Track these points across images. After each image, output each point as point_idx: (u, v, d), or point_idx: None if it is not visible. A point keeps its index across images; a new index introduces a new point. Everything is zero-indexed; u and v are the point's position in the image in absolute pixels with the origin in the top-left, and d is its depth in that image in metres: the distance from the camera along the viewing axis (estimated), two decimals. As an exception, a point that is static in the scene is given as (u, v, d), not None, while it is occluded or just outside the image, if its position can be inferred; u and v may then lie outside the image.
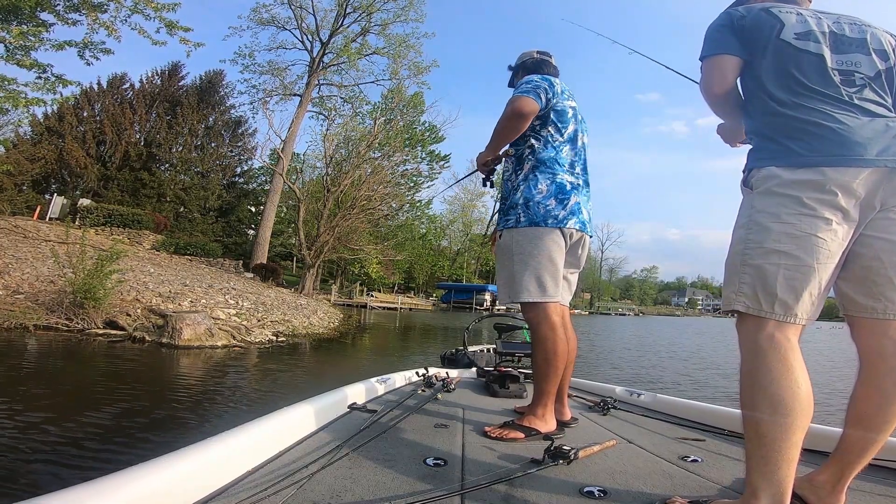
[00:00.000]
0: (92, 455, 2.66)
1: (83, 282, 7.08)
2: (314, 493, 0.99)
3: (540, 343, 1.63)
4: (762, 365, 0.95)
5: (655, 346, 14.48)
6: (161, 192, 26.90)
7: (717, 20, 1.19)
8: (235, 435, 1.11)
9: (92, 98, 26.52)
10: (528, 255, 1.61)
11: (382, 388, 2.19)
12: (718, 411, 1.90)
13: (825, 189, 0.96)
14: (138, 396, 4.08)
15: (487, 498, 1.01)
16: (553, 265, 1.61)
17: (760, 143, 1.09)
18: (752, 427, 0.93)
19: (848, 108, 1.01)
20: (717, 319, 70.59)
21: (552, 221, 1.61)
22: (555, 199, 1.62)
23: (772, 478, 0.89)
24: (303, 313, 12.31)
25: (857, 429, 1.01)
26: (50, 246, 9.41)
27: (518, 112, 1.56)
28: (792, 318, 0.96)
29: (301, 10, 24.18)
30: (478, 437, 1.51)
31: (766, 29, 1.10)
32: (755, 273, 0.99)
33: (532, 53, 1.95)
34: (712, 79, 1.17)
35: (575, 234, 1.67)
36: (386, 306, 30.85)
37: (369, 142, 21.31)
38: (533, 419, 1.52)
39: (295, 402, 1.47)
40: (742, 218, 1.06)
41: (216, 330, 7.36)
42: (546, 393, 1.58)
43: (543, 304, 1.60)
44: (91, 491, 0.75)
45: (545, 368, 1.59)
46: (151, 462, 0.88)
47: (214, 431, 1.09)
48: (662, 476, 1.22)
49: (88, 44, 10.16)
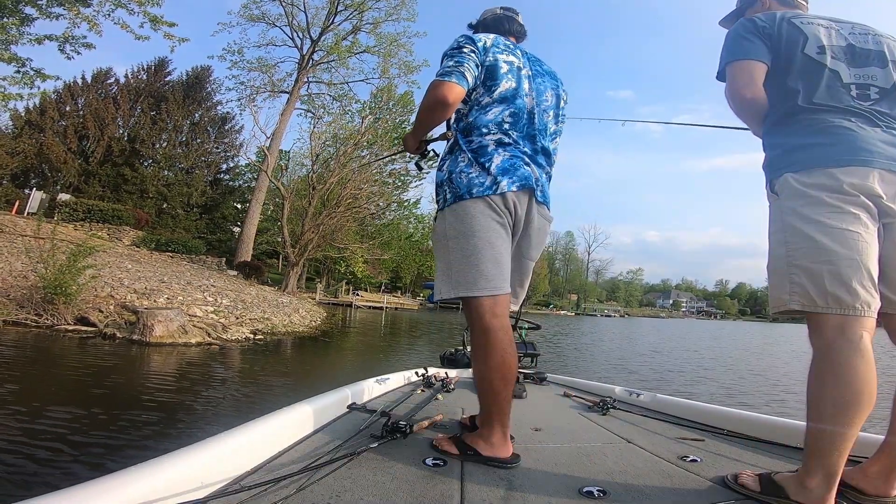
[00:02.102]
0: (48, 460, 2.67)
1: (54, 277, 7.01)
2: (314, 493, 0.99)
3: (473, 349, 1.35)
4: (828, 361, 0.98)
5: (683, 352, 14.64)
6: (143, 188, 26.51)
7: (742, 26, 1.20)
8: (235, 435, 1.11)
9: (75, 92, 26.08)
10: (457, 237, 1.33)
11: (382, 388, 2.18)
12: (718, 411, 1.90)
13: (842, 189, 1.01)
14: (97, 394, 4.07)
15: (488, 498, 1.02)
16: (491, 247, 1.30)
17: (775, 152, 1.14)
18: (816, 416, 0.99)
19: (861, 119, 1.07)
20: (700, 322, 71.45)
21: (477, 190, 1.31)
22: (477, 166, 1.34)
23: (826, 460, 0.96)
24: (284, 311, 12.27)
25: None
26: (25, 241, 9.26)
27: (441, 101, 1.30)
28: (850, 310, 0.98)
29: (292, 6, 24.04)
30: None
31: (793, 43, 1.14)
32: (803, 272, 1.03)
33: (495, 10, 1.67)
34: (742, 83, 1.16)
35: (513, 199, 1.34)
36: (372, 305, 30.79)
37: (357, 140, 21.24)
38: (478, 439, 1.28)
39: (294, 402, 1.46)
40: (775, 224, 1.11)
41: (190, 327, 7.33)
42: (487, 412, 1.30)
43: (476, 301, 1.29)
44: (91, 491, 0.76)
45: (479, 383, 1.34)
46: (151, 462, 0.89)
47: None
48: (662, 476, 1.21)
49: (69, 38, 10.05)
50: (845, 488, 1.07)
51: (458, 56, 1.35)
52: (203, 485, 0.94)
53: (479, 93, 1.40)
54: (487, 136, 1.37)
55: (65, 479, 2.28)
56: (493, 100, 1.39)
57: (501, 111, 1.39)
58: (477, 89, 1.40)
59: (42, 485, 2.22)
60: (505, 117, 1.39)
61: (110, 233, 17.43)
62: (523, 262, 1.47)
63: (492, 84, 1.39)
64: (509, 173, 1.33)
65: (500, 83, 1.39)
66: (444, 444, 1.33)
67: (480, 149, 1.36)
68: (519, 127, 1.40)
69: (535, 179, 1.37)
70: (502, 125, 1.38)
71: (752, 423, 1.71)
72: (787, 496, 1.00)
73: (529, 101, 1.43)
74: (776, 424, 1.64)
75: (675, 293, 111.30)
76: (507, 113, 1.39)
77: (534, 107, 1.44)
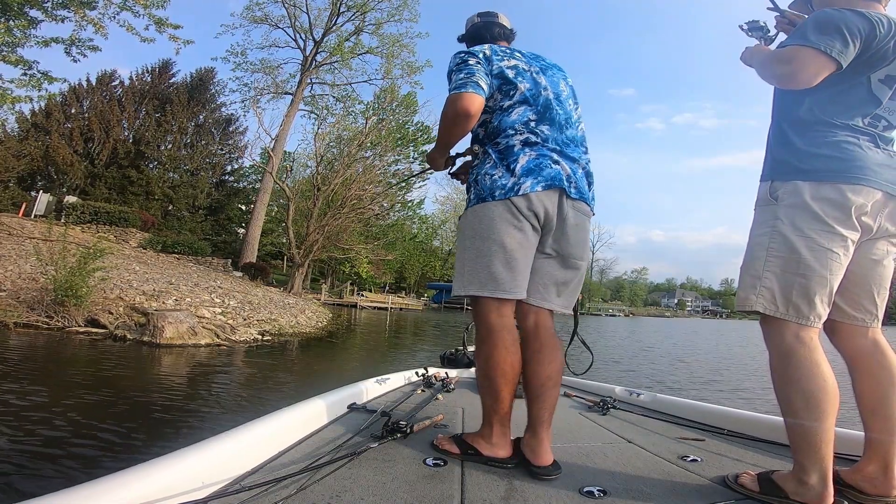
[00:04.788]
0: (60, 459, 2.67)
1: (65, 279, 7.03)
2: (314, 492, 0.99)
3: (476, 348, 1.37)
4: (792, 362, 1.06)
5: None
6: (149, 190, 26.63)
7: (854, 15, 1.08)
8: (235, 435, 1.11)
9: (80, 95, 26.23)
10: (474, 237, 1.32)
11: (382, 388, 2.19)
12: (718, 411, 1.91)
13: (843, 207, 1.06)
14: (108, 395, 4.08)
15: (488, 498, 1.03)
16: (504, 250, 1.28)
17: (790, 156, 1.14)
18: (790, 416, 1.05)
19: (869, 140, 1.11)
20: (706, 321, 71.19)
21: (499, 193, 1.30)
22: (501, 167, 1.33)
23: (815, 456, 1.01)
24: (290, 312, 12.28)
25: (875, 419, 1.12)
26: (34, 243, 9.31)
27: (463, 113, 1.28)
28: (805, 320, 1.07)
29: (295, 8, 24.09)
30: None
31: (878, 61, 1.09)
32: (775, 279, 1.10)
33: (472, 19, 1.65)
34: (805, 72, 1.08)
35: (538, 201, 1.29)
36: (376, 306, 30.78)
37: (360, 141, 21.27)
38: (478, 439, 1.29)
39: (294, 402, 1.46)
40: (764, 226, 1.15)
41: (199, 328, 7.34)
42: (488, 411, 1.30)
43: (483, 301, 1.30)
44: (91, 491, 0.76)
45: (480, 381, 1.33)
46: (151, 462, 0.89)
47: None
48: (662, 476, 1.22)
49: (76, 40, 10.10)
50: (845, 488, 1.10)
51: (466, 68, 1.34)
52: (204, 485, 0.94)
53: (498, 99, 1.39)
54: (514, 137, 1.35)
55: (68, 479, 2.28)
56: (515, 101, 1.38)
57: (525, 111, 1.37)
58: (494, 96, 1.39)
59: (46, 484, 2.23)
60: (530, 116, 1.37)
61: (117, 235, 17.51)
62: (567, 261, 1.39)
63: (508, 88, 1.38)
64: (534, 173, 1.30)
65: (517, 85, 1.38)
66: (444, 443, 1.35)
67: (507, 150, 1.35)
68: (546, 123, 1.37)
69: (566, 177, 1.33)
70: (529, 124, 1.36)
71: (752, 423, 1.71)
72: (786, 495, 1.04)
73: (549, 94, 1.41)
74: (776, 424, 1.63)
75: (681, 292, 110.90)
76: (531, 112, 1.37)
77: (553, 99, 1.42)
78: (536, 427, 1.28)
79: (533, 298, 1.37)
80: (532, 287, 1.36)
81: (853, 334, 1.18)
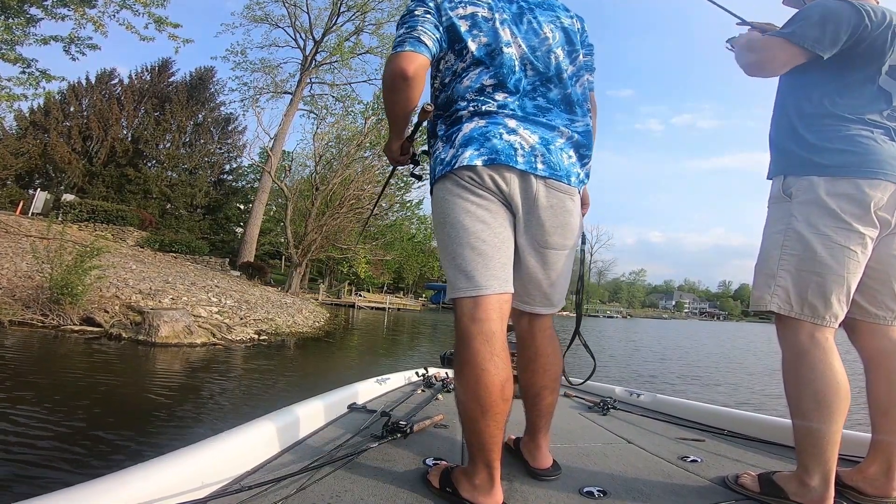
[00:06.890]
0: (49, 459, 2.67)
1: (61, 277, 7.03)
2: (314, 493, 0.99)
3: (454, 365, 1.06)
4: (805, 363, 1.03)
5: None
6: (147, 189, 26.59)
7: (841, 5, 1.07)
8: (235, 435, 1.11)
9: (79, 93, 26.19)
10: (436, 227, 1.12)
11: (382, 389, 2.19)
12: (718, 411, 1.91)
13: (862, 203, 1.03)
14: (102, 394, 4.07)
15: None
16: (465, 231, 1.05)
17: (801, 151, 1.11)
18: (799, 417, 1.03)
19: (884, 133, 1.08)
20: (703, 323, 71.28)
21: (439, 169, 1.09)
22: (446, 139, 1.12)
23: (820, 458, 0.99)
24: (287, 312, 12.28)
25: (886, 420, 1.09)
26: (31, 241, 9.29)
27: (399, 75, 1.02)
28: (821, 320, 1.04)
29: (295, 7, 24.06)
30: None
31: (878, 55, 1.08)
32: (790, 278, 1.07)
33: None
34: (772, 62, 1.11)
35: (489, 177, 1.05)
36: (374, 306, 30.77)
37: (359, 141, 21.27)
38: (461, 476, 1.04)
39: (290, 401, 1.46)
40: (779, 224, 1.12)
41: (195, 327, 7.34)
42: (471, 446, 1.02)
43: (455, 302, 1.06)
44: (91, 491, 0.76)
45: (458, 409, 1.04)
46: (151, 462, 0.90)
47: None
48: (662, 476, 1.22)
49: (75, 39, 10.08)
50: (845, 489, 1.09)
51: (409, 21, 1.10)
52: (203, 485, 0.94)
53: (451, 61, 1.14)
54: (465, 107, 1.11)
55: (67, 478, 2.29)
56: (468, 63, 1.12)
57: (480, 74, 1.11)
58: (446, 57, 1.15)
59: (45, 484, 2.23)
60: (485, 81, 1.11)
61: (114, 233, 17.47)
62: (545, 252, 1.13)
63: (460, 47, 1.12)
64: (475, 143, 1.05)
65: (466, 43, 1.11)
66: (432, 475, 1.12)
67: (454, 122, 1.12)
68: (511, 86, 1.11)
69: (522, 150, 1.06)
70: (484, 90, 1.11)
71: (752, 423, 1.71)
72: (787, 496, 1.03)
73: (516, 50, 1.13)
74: (776, 424, 1.64)
75: (678, 294, 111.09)
76: (486, 76, 1.11)
77: (527, 55, 1.13)
78: (534, 433, 1.22)
79: (515, 300, 1.15)
80: (514, 286, 1.12)
81: (874, 333, 1.14)
